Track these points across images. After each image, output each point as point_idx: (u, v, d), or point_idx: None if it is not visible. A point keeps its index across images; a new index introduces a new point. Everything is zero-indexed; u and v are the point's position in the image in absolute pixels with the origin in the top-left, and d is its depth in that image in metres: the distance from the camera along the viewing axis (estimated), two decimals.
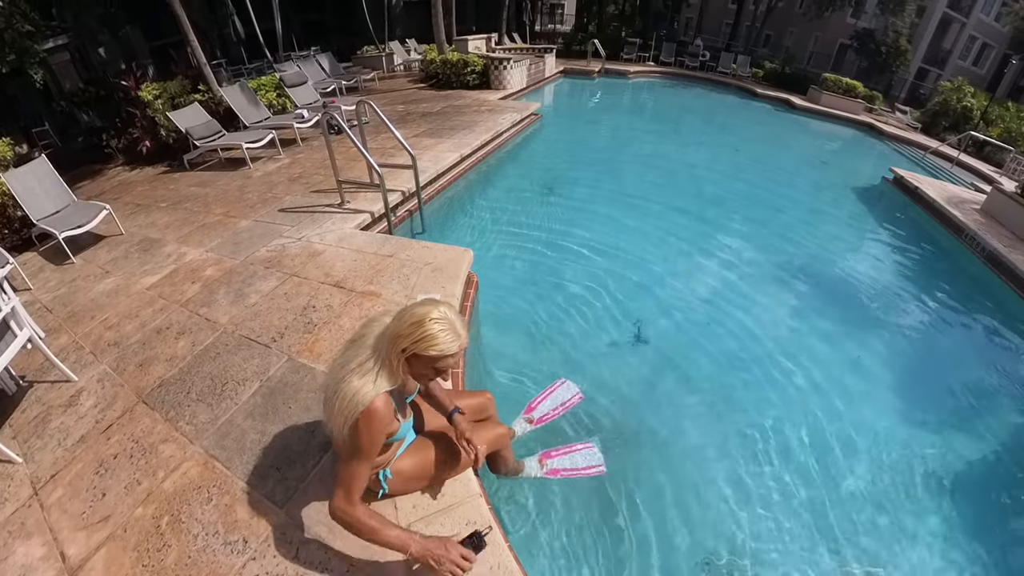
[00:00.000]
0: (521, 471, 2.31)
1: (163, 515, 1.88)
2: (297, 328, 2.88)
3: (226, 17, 13.86)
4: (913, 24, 20.76)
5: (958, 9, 22.69)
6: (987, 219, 5.87)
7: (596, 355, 3.40)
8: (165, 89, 7.02)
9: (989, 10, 23.06)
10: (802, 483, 2.56)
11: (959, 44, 23.52)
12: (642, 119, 11.61)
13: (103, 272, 3.85)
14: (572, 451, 2.50)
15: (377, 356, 1.38)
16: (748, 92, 14.38)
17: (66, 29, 11.85)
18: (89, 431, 2.31)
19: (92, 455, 2.17)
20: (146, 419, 2.35)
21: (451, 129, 7.16)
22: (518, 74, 10.80)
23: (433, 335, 1.30)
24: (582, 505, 2.34)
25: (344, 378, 1.37)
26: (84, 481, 2.05)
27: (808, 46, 23.62)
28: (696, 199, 6.32)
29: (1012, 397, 3.43)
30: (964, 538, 2.37)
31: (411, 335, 1.31)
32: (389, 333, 1.36)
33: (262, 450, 2.10)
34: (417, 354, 1.33)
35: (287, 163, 6.12)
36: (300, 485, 1.93)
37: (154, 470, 2.07)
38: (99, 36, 12.36)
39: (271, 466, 2.03)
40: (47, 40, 10.94)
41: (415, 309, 1.34)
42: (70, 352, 2.90)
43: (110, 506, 1.93)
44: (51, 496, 2.01)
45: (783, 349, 3.62)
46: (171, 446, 2.18)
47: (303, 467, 2.00)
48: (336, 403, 1.36)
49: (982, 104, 12.06)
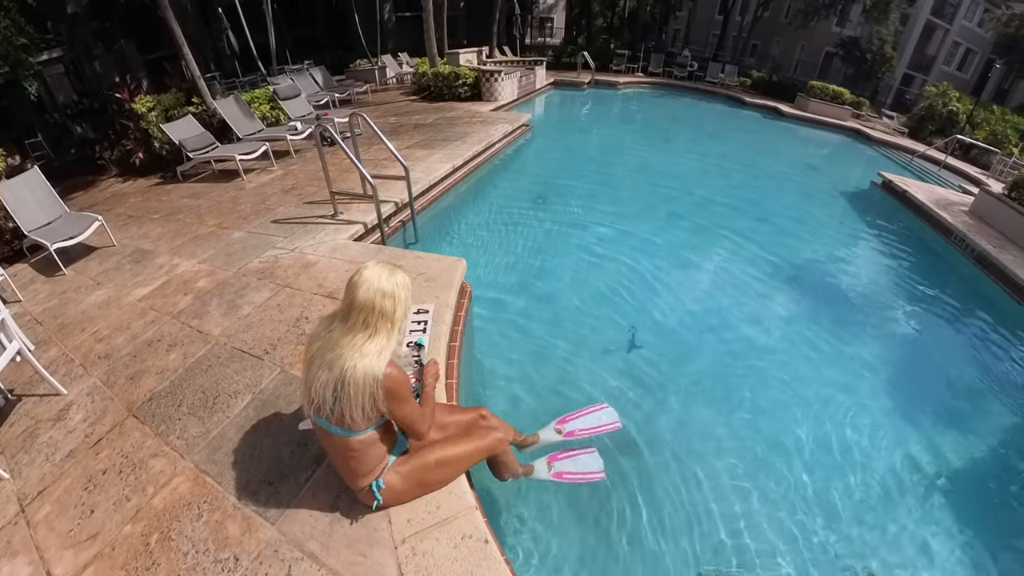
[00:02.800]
0: (531, 473, 2.27)
1: (152, 532, 1.85)
2: (290, 339, 2.87)
3: (220, 31, 13.95)
4: (897, 31, 21.15)
5: (941, 16, 23.18)
6: (975, 220, 5.95)
7: (591, 361, 3.40)
8: (159, 101, 7.05)
9: (972, 16, 23.57)
10: (802, 485, 2.56)
11: (943, 50, 23.99)
12: (632, 128, 11.73)
13: (94, 284, 3.83)
14: (577, 455, 2.46)
15: (368, 334, 1.47)
16: (736, 100, 14.56)
17: (61, 42, 11.89)
18: (78, 446, 2.28)
19: (81, 470, 2.14)
20: (136, 433, 2.32)
21: (443, 140, 7.20)
22: (509, 86, 10.92)
23: (408, 284, 1.53)
24: (580, 516, 2.33)
25: (347, 366, 1.44)
26: (72, 497, 2.02)
27: (794, 55, 23.99)
28: (688, 206, 6.37)
29: (1004, 394, 3.46)
30: (957, 534, 2.37)
31: (409, 297, 1.53)
32: (388, 311, 1.47)
33: (254, 464, 2.08)
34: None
35: (280, 174, 6.12)
36: (293, 500, 1.91)
37: (144, 486, 2.04)
38: (94, 49, 12.40)
39: (263, 480, 2.00)
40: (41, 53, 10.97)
41: (392, 279, 1.48)
42: (60, 365, 2.87)
43: (98, 523, 1.90)
44: (38, 513, 1.97)
45: (778, 353, 3.64)
46: (161, 461, 2.15)
47: (296, 481, 1.98)
48: (351, 389, 1.45)
49: (967, 108, 12.27)
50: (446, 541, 1.71)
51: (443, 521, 1.78)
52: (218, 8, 14.19)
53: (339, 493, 1.89)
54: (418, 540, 1.71)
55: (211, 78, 11.64)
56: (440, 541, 1.71)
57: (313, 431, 1.87)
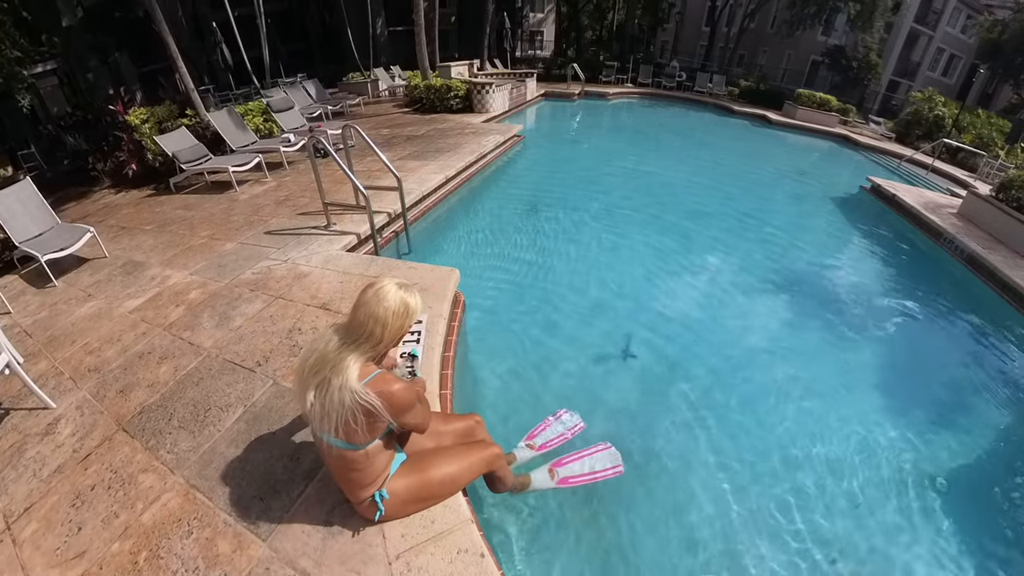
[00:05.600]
0: (528, 485, 2.23)
1: (141, 550, 1.81)
2: (283, 351, 2.85)
3: (214, 45, 14.04)
4: (882, 39, 21.62)
5: (925, 23, 23.71)
6: (964, 222, 6.03)
7: (585, 371, 3.39)
8: (153, 113, 7.06)
9: (955, 23, 24.14)
10: (801, 490, 2.56)
11: (928, 56, 24.51)
12: (623, 137, 11.85)
13: (85, 295, 3.79)
14: (587, 454, 2.41)
15: (358, 354, 1.46)
16: (725, 109, 14.76)
17: (55, 55, 11.93)
18: (66, 461, 2.24)
19: (69, 486, 2.10)
20: (126, 448, 2.28)
21: (436, 151, 7.24)
22: (500, 98, 11.03)
23: (413, 310, 1.50)
24: (578, 526, 2.30)
25: (332, 381, 1.43)
26: (59, 514, 1.98)
27: (781, 64, 24.43)
28: (679, 213, 6.42)
29: (997, 393, 3.49)
30: (951, 534, 2.37)
31: (403, 325, 1.49)
32: (377, 334, 1.46)
33: (245, 479, 2.05)
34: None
35: (273, 186, 6.13)
36: (285, 516, 1.87)
37: (133, 502, 2.01)
38: (88, 62, 12.44)
39: (255, 496, 1.97)
40: (36, 65, 11.00)
41: (386, 303, 1.46)
42: (49, 378, 2.84)
43: (86, 541, 1.86)
44: (24, 531, 1.93)
45: (772, 357, 3.65)
46: (151, 476, 2.12)
47: (288, 496, 1.95)
48: (337, 410, 1.42)
49: (953, 112, 12.49)
50: (441, 556, 1.69)
51: (438, 535, 1.75)
52: (212, 23, 14.30)
53: (332, 508, 1.87)
54: (413, 555, 1.69)
55: (205, 91, 11.69)
56: (435, 556, 1.69)
57: (312, 443, 1.85)
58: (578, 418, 2.72)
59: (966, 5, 23.92)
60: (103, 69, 13.20)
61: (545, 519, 2.32)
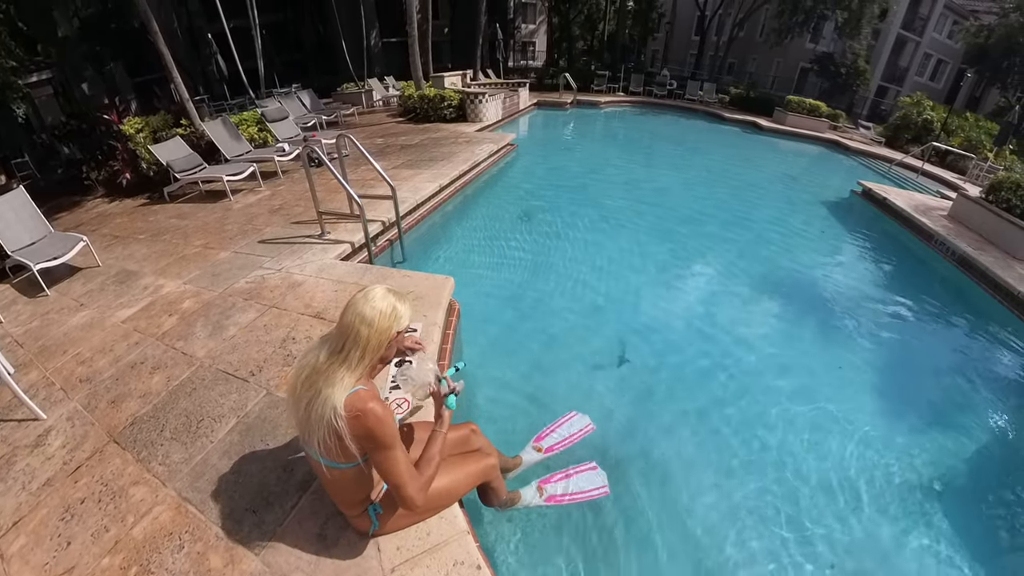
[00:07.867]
0: (517, 501, 2.19)
1: (131, 565, 1.78)
2: (276, 361, 2.83)
3: (210, 55, 14.11)
4: (870, 45, 21.91)
5: (912, 29, 24.09)
6: (955, 224, 6.10)
7: (581, 377, 3.39)
8: (147, 123, 7.07)
9: (942, 29, 24.54)
10: (800, 496, 2.55)
11: (915, 62, 24.87)
12: (615, 145, 11.94)
13: (78, 305, 3.77)
14: (573, 474, 2.41)
15: (345, 363, 1.37)
16: (716, 116, 14.91)
17: (50, 64, 11.94)
18: (56, 473, 2.21)
19: (58, 499, 2.08)
20: (117, 460, 2.26)
21: (429, 160, 7.27)
22: (493, 107, 11.12)
23: (400, 312, 1.41)
24: (576, 537, 2.28)
25: (318, 393, 1.35)
26: (48, 528, 1.95)
27: (771, 71, 24.72)
28: (672, 219, 6.46)
29: (991, 392, 3.51)
30: (947, 533, 2.37)
31: (390, 327, 1.38)
32: (364, 336, 1.36)
33: (238, 491, 2.03)
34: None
35: (268, 195, 6.12)
36: (278, 529, 1.85)
37: (123, 515, 1.98)
38: (84, 72, 12.47)
39: (247, 509, 1.95)
40: (31, 75, 11.00)
41: (374, 303, 1.37)
42: (40, 388, 2.81)
43: (75, 556, 1.83)
44: (12, 546, 1.90)
45: (765, 359, 3.66)
46: (142, 489, 2.09)
47: (281, 509, 1.93)
48: (317, 424, 1.34)
49: (941, 116, 12.66)
50: (437, 568, 1.67)
51: (434, 547, 1.73)
52: (208, 34, 14.38)
53: (326, 520, 1.85)
54: (408, 568, 1.67)
55: (200, 101, 11.73)
56: (431, 568, 1.67)
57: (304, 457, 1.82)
58: (587, 420, 2.73)
59: (952, 11, 24.34)
60: (98, 79, 13.22)
61: (543, 531, 2.30)
